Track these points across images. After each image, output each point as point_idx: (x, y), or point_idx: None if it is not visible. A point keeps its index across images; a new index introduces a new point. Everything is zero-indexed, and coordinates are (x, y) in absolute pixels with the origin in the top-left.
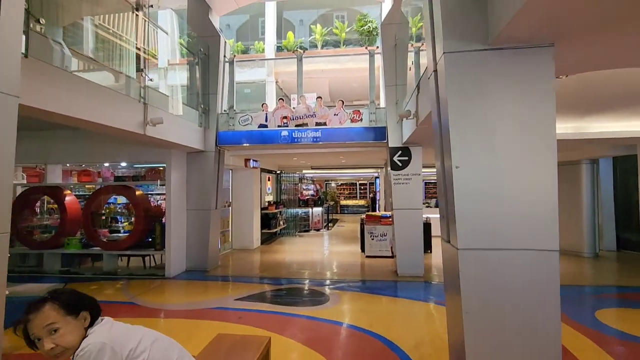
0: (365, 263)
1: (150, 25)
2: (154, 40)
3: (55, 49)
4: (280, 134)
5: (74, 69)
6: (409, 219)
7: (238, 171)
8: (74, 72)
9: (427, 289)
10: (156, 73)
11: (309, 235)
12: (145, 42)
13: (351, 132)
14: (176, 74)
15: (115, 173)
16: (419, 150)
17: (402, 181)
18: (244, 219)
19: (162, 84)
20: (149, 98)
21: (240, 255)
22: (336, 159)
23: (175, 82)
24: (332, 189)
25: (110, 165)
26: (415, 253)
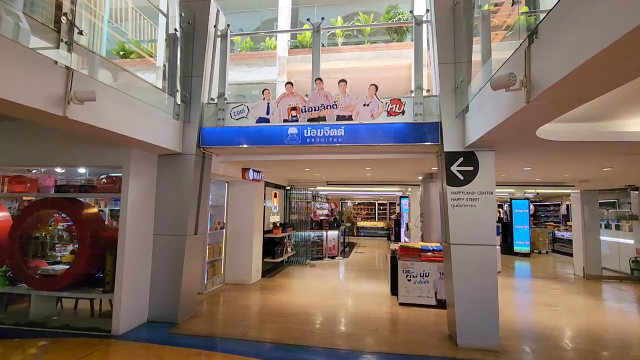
0: (401, 316)
1: None
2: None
3: None
4: (287, 132)
5: None
6: (477, 260)
7: (236, 184)
8: None
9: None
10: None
11: (322, 264)
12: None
13: (388, 129)
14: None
15: (59, 181)
16: (490, 157)
17: (464, 202)
18: (241, 245)
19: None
20: (79, 62)
21: (231, 294)
22: (360, 171)
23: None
24: (349, 209)
25: (50, 170)
26: (486, 312)
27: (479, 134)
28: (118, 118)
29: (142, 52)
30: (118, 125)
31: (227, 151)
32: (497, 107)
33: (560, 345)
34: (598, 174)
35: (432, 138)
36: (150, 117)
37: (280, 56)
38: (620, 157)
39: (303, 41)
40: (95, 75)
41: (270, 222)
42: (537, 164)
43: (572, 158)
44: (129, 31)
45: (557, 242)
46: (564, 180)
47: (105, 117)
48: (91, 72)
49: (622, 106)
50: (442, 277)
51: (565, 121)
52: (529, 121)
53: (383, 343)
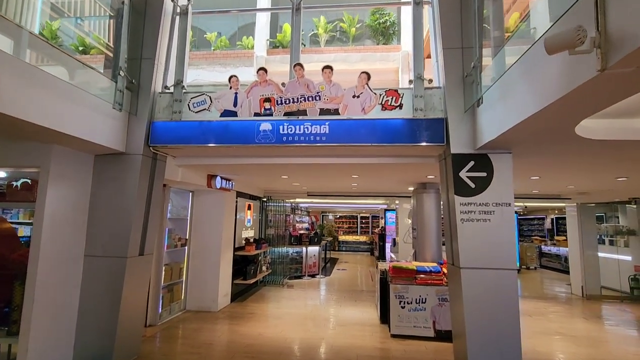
0: (395, 354)
1: None
2: None
3: None
4: (259, 128)
5: None
6: (494, 287)
7: (202, 194)
8: None
9: None
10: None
11: (301, 284)
12: None
13: (382, 127)
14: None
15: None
16: (507, 160)
17: (476, 216)
18: (207, 264)
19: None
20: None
21: (191, 326)
22: (346, 180)
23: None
24: (330, 222)
25: None
26: (506, 351)
27: (500, 131)
28: (24, 100)
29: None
30: (23, 110)
31: (185, 152)
32: (536, 90)
33: None
34: (608, 185)
35: (436, 138)
36: (80, 105)
37: (258, 56)
38: None
39: (283, 41)
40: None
41: (243, 237)
42: (551, 171)
43: (597, 163)
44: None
45: (544, 257)
46: (561, 193)
47: (2, 95)
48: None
49: None
50: (441, 304)
51: (599, 117)
52: (587, 104)
53: None
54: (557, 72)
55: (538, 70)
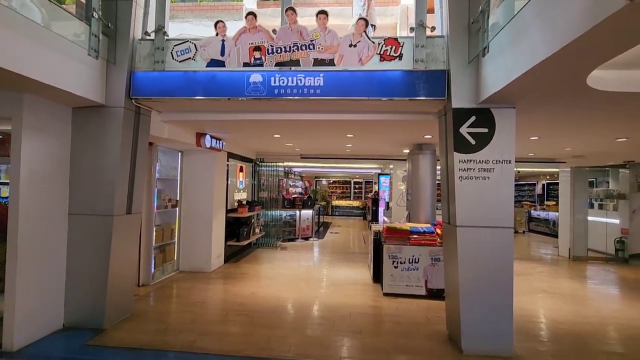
0: (388, 311)
1: None
2: None
3: None
4: (249, 80)
5: None
6: (491, 246)
7: (191, 154)
8: None
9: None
10: None
11: (294, 246)
12: None
13: (381, 79)
14: None
15: None
16: (510, 115)
17: (475, 174)
18: (199, 226)
19: None
20: None
21: (184, 285)
22: (340, 140)
23: None
24: (323, 187)
25: None
26: (499, 310)
27: (507, 80)
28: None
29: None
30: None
31: (170, 105)
32: (553, 30)
33: (582, 346)
34: (605, 147)
35: (437, 91)
36: (51, 49)
37: (247, 8)
38: None
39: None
40: None
41: (236, 199)
42: (552, 130)
43: (601, 120)
44: None
45: (532, 221)
46: (556, 156)
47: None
48: None
49: None
50: (434, 264)
51: (610, 67)
52: (609, 44)
53: (370, 351)
54: (579, 7)
55: (556, 6)
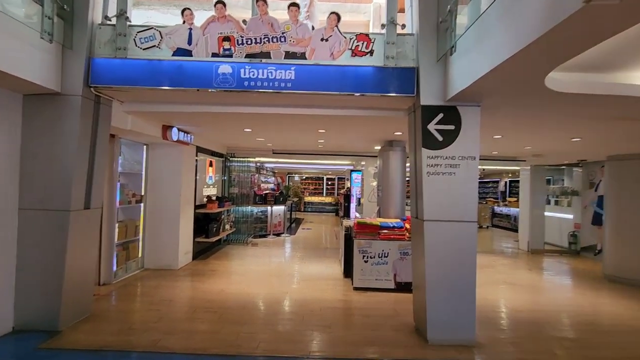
0: (357, 305)
1: None
2: None
3: None
4: (218, 71)
5: None
6: (455, 239)
7: (157, 147)
8: None
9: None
10: None
11: (266, 242)
12: None
13: (352, 74)
14: None
15: None
16: (475, 113)
17: (442, 169)
18: (165, 222)
19: None
20: None
21: (149, 283)
22: (312, 135)
23: None
24: (296, 183)
25: None
26: (462, 301)
27: (472, 79)
28: None
29: None
30: None
31: (133, 95)
32: (515, 30)
33: (538, 333)
34: (562, 147)
35: (406, 88)
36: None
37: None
38: (608, 121)
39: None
40: None
41: (205, 195)
42: (514, 129)
43: (558, 120)
44: None
45: (495, 217)
46: (518, 155)
47: None
48: None
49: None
50: (402, 258)
51: (566, 70)
52: (567, 44)
53: (339, 344)
54: (539, 9)
55: (518, 8)
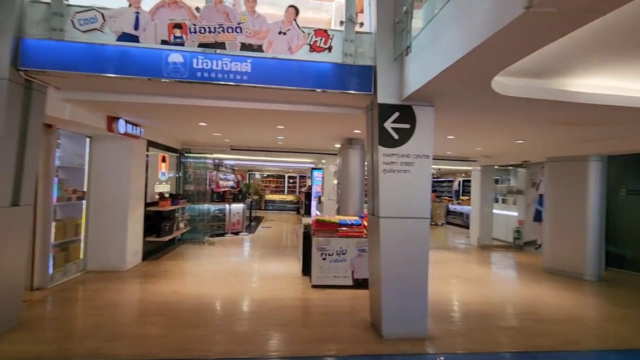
0: (315, 302)
1: None
2: None
3: None
4: (168, 59)
5: None
6: (410, 235)
7: (102, 140)
8: None
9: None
10: None
11: (223, 241)
12: None
13: (311, 69)
14: None
15: None
16: (430, 113)
17: (397, 167)
18: (111, 220)
19: None
20: None
21: (92, 287)
22: (271, 131)
23: None
24: (257, 181)
25: None
26: (416, 296)
27: (426, 79)
28: None
29: None
30: None
31: (72, 82)
32: (465, 32)
33: (486, 323)
34: (507, 148)
35: (364, 86)
36: None
37: None
38: (547, 125)
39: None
40: None
41: (157, 192)
42: (465, 130)
43: (504, 123)
44: None
45: (450, 214)
46: (469, 155)
47: None
48: None
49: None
50: (360, 255)
51: (511, 75)
52: (512, 47)
53: (295, 343)
54: (486, 12)
55: (468, 11)
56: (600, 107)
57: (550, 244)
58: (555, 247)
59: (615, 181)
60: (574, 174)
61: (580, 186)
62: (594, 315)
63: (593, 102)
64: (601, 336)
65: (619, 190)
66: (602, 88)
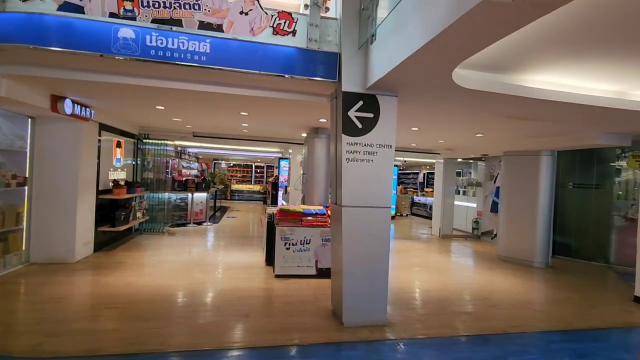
0: (277, 292)
1: None
2: None
3: None
4: (117, 34)
5: None
6: (371, 224)
7: (47, 122)
8: None
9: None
10: None
11: (185, 231)
12: None
13: (273, 53)
14: None
15: None
16: (393, 103)
17: (360, 156)
18: (58, 208)
19: None
20: None
21: (35, 280)
22: (234, 118)
23: None
24: (223, 170)
25: None
26: (376, 284)
27: (389, 67)
28: None
29: None
30: None
31: (8, 55)
32: (426, 21)
33: (443, 309)
34: (468, 142)
35: (329, 73)
36: None
37: None
38: (504, 119)
39: None
40: None
41: (110, 179)
42: (428, 122)
43: (464, 116)
44: None
45: (414, 206)
46: (433, 148)
47: None
48: None
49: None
50: (324, 244)
51: (471, 68)
52: (471, 37)
53: (255, 333)
54: (448, 1)
55: (426, 3)
56: (554, 103)
57: (504, 234)
58: (509, 237)
59: (563, 174)
60: (527, 168)
61: (533, 179)
62: (540, 299)
63: (548, 99)
64: (546, 318)
65: (567, 184)
66: (557, 85)
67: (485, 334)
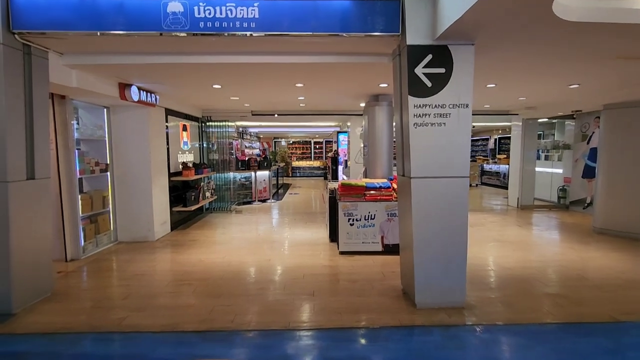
0: (342, 270)
1: None
2: None
3: None
4: (166, 9)
5: None
6: (445, 196)
7: (120, 110)
8: None
9: (498, 346)
10: None
11: (251, 209)
12: None
13: (327, 10)
14: None
15: None
16: (469, 53)
17: (430, 120)
18: (136, 192)
19: None
20: None
21: (123, 257)
22: (290, 90)
23: None
24: (283, 148)
25: None
26: (452, 263)
27: (464, 9)
28: None
29: None
30: None
31: (69, 43)
32: None
33: (529, 290)
34: (557, 96)
35: (390, 26)
36: None
37: None
38: (610, 62)
39: None
40: None
41: (180, 162)
42: (510, 74)
43: (560, 59)
44: None
45: (485, 174)
46: (510, 108)
47: None
48: None
49: None
50: (390, 219)
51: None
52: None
53: (322, 313)
54: None
55: None
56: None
57: (602, 202)
58: (609, 205)
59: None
60: (636, 123)
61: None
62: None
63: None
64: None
65: None
66: None
67: (589, 322)
